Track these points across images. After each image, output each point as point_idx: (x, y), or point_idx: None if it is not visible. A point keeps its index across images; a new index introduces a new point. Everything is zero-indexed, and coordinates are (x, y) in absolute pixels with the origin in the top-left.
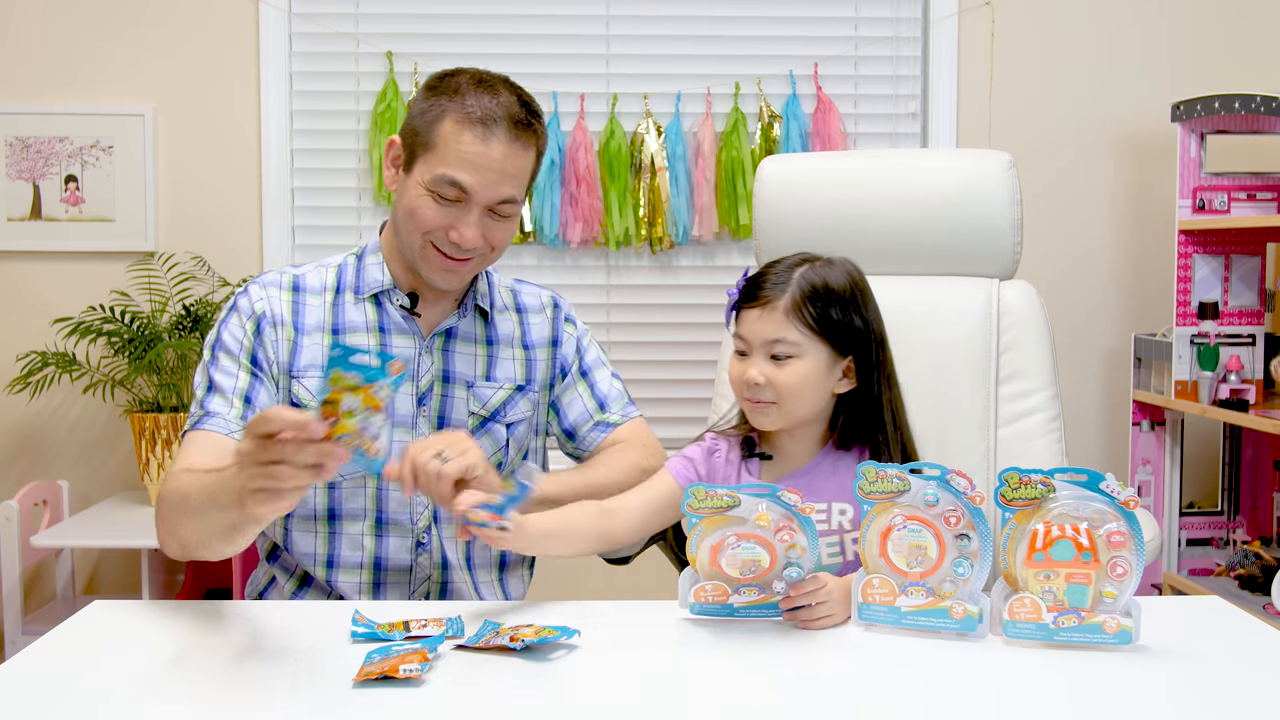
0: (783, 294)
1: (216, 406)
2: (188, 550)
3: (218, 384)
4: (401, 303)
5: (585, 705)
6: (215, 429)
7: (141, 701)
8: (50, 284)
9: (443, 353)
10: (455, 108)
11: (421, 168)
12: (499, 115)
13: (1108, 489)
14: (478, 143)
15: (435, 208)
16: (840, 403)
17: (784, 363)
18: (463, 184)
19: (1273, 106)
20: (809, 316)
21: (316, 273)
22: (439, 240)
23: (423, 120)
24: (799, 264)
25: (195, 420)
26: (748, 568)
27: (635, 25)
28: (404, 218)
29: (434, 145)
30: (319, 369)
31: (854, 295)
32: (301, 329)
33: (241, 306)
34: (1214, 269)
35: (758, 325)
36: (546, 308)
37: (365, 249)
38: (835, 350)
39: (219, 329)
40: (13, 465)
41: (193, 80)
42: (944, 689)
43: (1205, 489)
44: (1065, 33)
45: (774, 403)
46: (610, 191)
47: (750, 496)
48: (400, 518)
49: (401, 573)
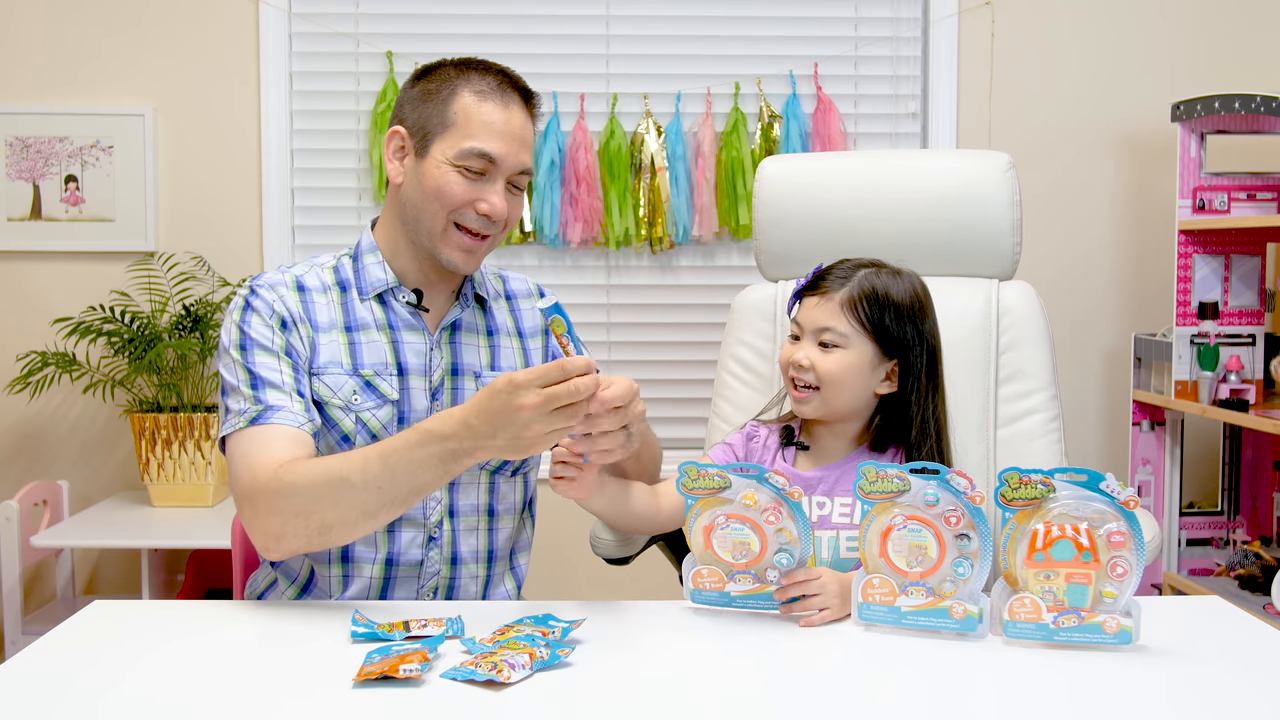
0: (841, 287)
1: (276, 399)
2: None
3: (266, 379)
4: (408, 299)
5: (585, 705)
6: (285, 422)
7: (141, 702)
8: (50, 284)
9: (450, 345)
10: (465, 84)
11: (443, 146)
12: (510, 86)
13: (1108, 489)
14: (499, 110)
15: (463, 182)
16: (881, 406)
17: (830, 351)
18: (491, 153)
19: (1273, 106)
20: (862, 312)
21: (313, 273)
22: (464, 217)
23: (433, 103)
24: (867, 265)
25: (255, 415)
26: (739, 550)
27: (635, 25)
28: (426, 200)
29: (453, 122)
30: (338, 365)
31: (912, 304)
32: (318, 327)
33: (259, 306)
34: (1214, 269)
35: (813, 312)
36: (533, 295)
37: (359, 249)
38: (881, 350)
39: (242, 328)
40: (13, 465)
41: (193, 80)
42: (944, 689)
43: (1205, 489)
44: (1065, 33)
45: (816, 388)
46: (610, 191)
47: (740, 478)
48: (413, 511)
49: (411, 568)
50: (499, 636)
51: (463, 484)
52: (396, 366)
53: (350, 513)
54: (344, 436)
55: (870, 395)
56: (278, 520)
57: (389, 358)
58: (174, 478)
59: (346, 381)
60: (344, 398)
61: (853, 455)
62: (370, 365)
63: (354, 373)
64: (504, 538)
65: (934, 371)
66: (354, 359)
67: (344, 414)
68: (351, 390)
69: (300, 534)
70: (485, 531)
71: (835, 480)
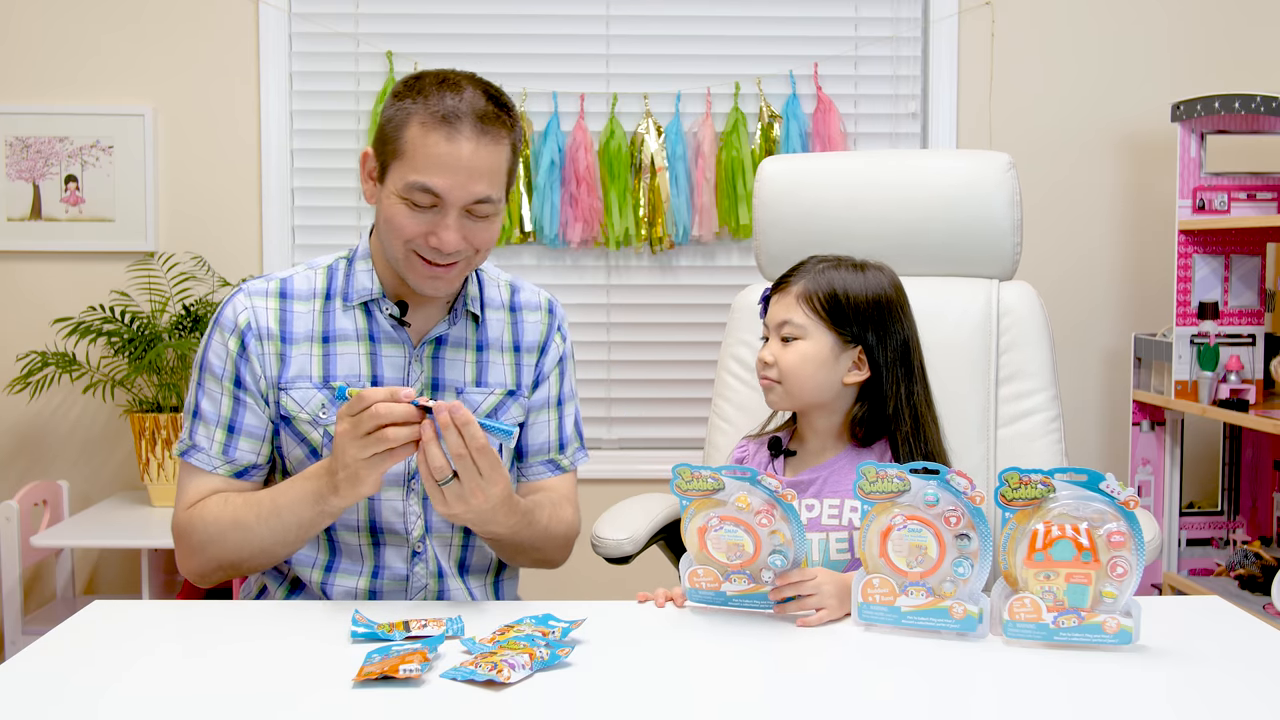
0: (799, 281)
1: (200, 439)
2: (237, 568)
3: (202, 411)
4: (391, 312)
5: (585, 705)
6: (201, 465)
7: (141, 702)
8: (50, 284)
9: (433, 360)
10: (418, 110)
11: (394, 176)
12: (463, 111)
13: (1108, 489)
14: (443, 143)
15: (411, 215)
16: (860, 397)
17: (790, 344)
18: (434, 188)
19: (1273, 106)
20: (816, 301)
21: (306, 276)
22: (420, 248)
23: (390, 127)
24: (826, 260)
25: (184, 449)
26: (733, 552)
27: (635, 25)
28: (384, 228)
29: (402, 152)
30: (307, 379)
31: (872, 291)
32: (289, 339)
33: (224, 321)
34: (1214, 269)
35: (775, 309)
36: (542, 309)
37: (356, 253)
38: (842, 337)
39: (205, 346)
40: (13, 465)
41: (193, 80)
42: (944, 689)
43: (1205, 489)
44: (1065, 33)
45: (778, 381)
46: (610, 191)
47: (732, 480)
48: (395, 526)
49: (398, 581)
50: (499, 636)
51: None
52: (371, 379)
53: (247, 549)
54: (312, 450)
55: (837, 384)
56: (194, 557)
57: (364, 369)
58: (174, 478)
59: (314, 395)
60: (311, 412)
61: (839, 456)
62: (343, 376)
63: (324, 385)
64: (481, 555)
65: (907, 358)
66: (326, 370)
67: (311, 428)
68: (320, 404)
69: (213, 568)
70: (460, 548)
71: (823, 481)
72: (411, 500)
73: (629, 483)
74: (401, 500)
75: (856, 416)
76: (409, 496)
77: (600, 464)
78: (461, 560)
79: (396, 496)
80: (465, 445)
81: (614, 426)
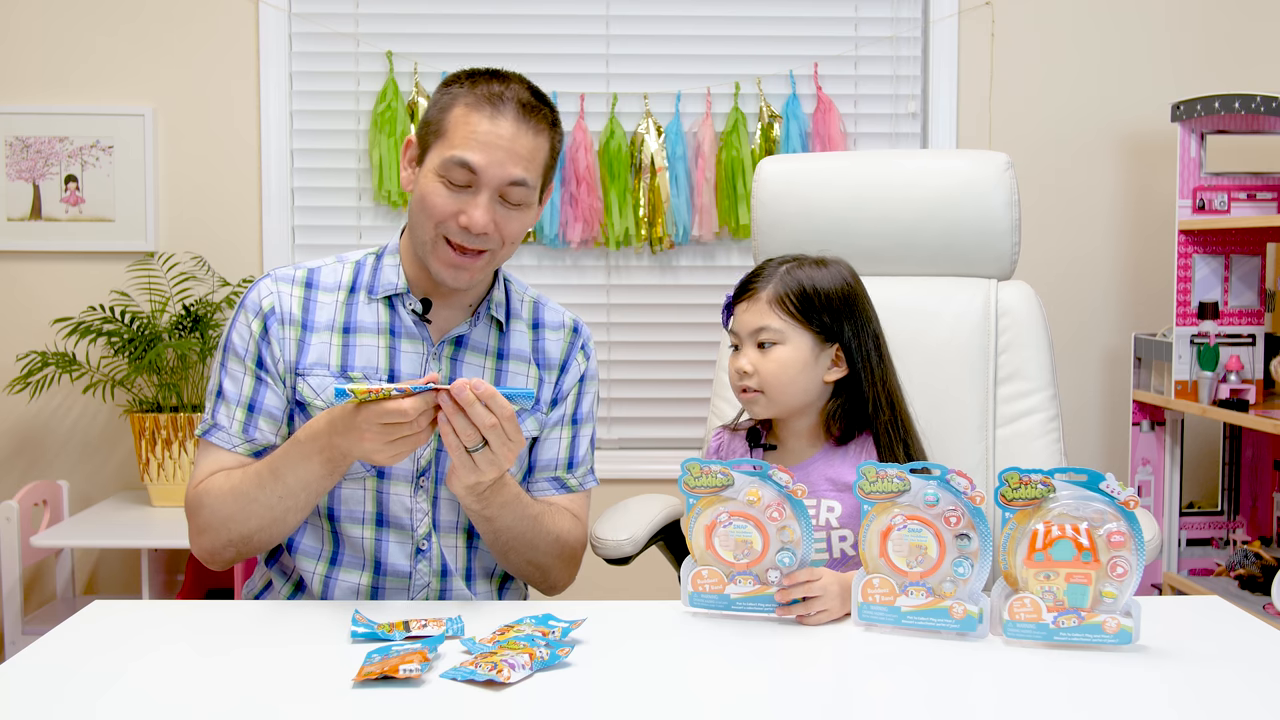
0: (767, 285)
1: (221, 418)
2: (247, 543)
3: (225, 391)
4: (414, 307)
5: (585, 705)
6: (220, 443)
7: (141, 702)
8: (50, 284)
9: (451, 361)
10: (465, 93)
11: (433, 156)
12: (507, 96)
13: (1108, 489)
14: (485, 121)
15: (446, 194)
16: (833, 394)
17: (769, 350)
18: (471, 163)
19: (1273, 106)
20: (790, 304)
21: (333, 269)
22: (449, 230)
23: (435, 110)
24: (787, 260)
25: (205, 429)
26: (740, 550)
27: (635, 25)
28: (417, 210)
29: (445, 132)
30: (325, 367)
31: (841, 288)
32: (310, 326)
33: (249, 304)
34: (1214, 269)
35: (745, 316)
36: (566, 328)
37: (385, 249)
38: (820, 336)
39: (229, 328)
40: (13, 465)
41: (193, 80)
42: (944, 689)
43: (1205, 489)
44: (1065, 33)
45: (761, 391)
46: (610, 191)
47: (743, 475)
48: (401, 520)
49: (401, 579)
50: (499, 636)
51: (443, 499)
52: (389, 372)
53: (257, 520)
54: None
55: (819, 384)
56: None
57: (382, 363)
58: (174, 478)
59: (330, 384)
60: (326, 400)
61: (818, 455)
62: (360, 368)
63: (341, 374)
64: (487, 561)
65: (879, 347)
66: (344, 360)
67: None
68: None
69: (225, 544)
70: (466, 549)
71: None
72: (420, 497)
73: (629, 483)
74: (409, 496)
75: (831, 413)
76: (417, 493)
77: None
78: (468, 564)
79: (405, 491)
80: (495, 415)
81: (614, 426)
